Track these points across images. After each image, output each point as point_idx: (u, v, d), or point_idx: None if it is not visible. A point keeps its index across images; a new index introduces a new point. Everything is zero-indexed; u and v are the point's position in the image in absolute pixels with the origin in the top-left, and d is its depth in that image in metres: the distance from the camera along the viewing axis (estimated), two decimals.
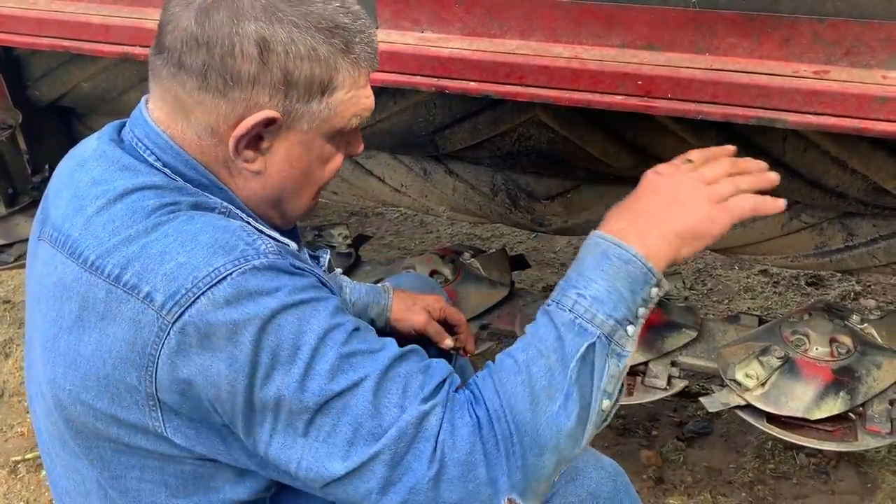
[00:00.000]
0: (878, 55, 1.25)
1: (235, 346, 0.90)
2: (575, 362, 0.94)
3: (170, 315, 0.90)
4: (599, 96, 1.34)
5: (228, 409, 0.93)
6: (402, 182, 2.11)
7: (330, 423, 0.92)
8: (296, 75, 0.96)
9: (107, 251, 0.95)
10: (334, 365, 0.92)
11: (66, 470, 1.09)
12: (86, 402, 0.97)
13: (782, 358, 1.70)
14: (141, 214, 0.96)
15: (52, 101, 2.24)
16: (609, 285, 0.98)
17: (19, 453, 2.42)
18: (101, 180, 1.01)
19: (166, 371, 0.92)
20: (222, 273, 0.91)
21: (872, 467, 2.23)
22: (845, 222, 1.78)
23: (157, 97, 1.02)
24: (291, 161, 1.03)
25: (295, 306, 0.92)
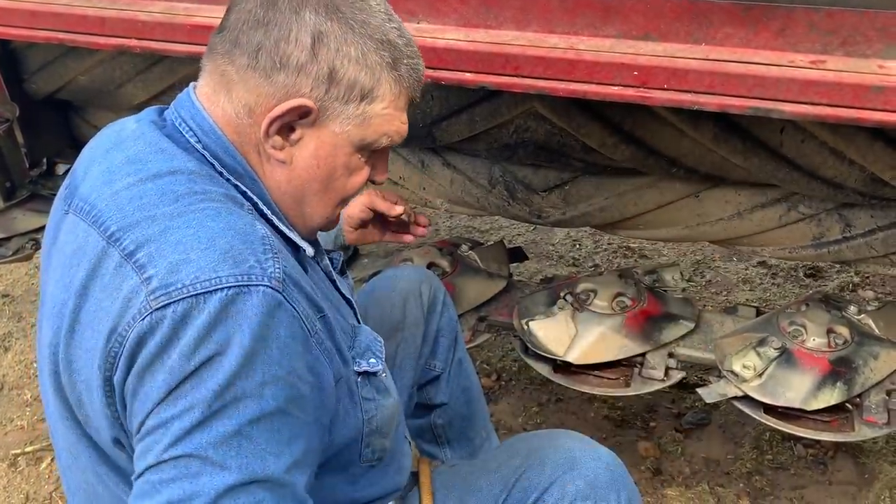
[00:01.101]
0: (874, 45, 1.25)
1: (181, 359, 0.88)
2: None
3: (155, 301, 0.89)
4: (595, 87, 1.34)
5: (135, 411, 0.91)
6: (400, 174, 2.11)
7: (173, 475, 0.88)
8: (341, 74, 1.00)
9: (129, 225, 0.95)
10: (227, 435, 0.89)
11: (65, 444, 1.09)
12: (74, 373, 0.97)
13: (779, 349, 1.70)
14: (170, 197, 0.96)
15: (50, 95, 2.24)
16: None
17: (19, 447, 2.42)
18: (136, 159, 1.02)
19: (124, 357, 0.91)
20: (222, 284, 0.89)
21: (870, 458, 2.24)
22: (843, 213, 1.78)
23: (206, 74, 1.05)
24: (319, 159, 1.04)
25: (248, 357, 0.89)
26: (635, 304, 1.88)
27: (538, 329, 1.88)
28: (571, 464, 1.29)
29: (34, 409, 2.57)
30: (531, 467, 1.32)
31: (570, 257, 3.31)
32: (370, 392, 1.19)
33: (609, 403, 2.47)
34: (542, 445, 1.37)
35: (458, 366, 1.80)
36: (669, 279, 2.05)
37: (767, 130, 1.58)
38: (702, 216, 1.88)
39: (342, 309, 1.22)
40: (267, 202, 1.05)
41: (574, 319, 1.86)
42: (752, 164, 1.65)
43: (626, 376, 1.84)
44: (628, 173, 1.87)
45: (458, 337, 1.80)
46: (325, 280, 1.21)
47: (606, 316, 1.86)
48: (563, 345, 1.83)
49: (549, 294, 1.99)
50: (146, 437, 0.90)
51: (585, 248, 3.38)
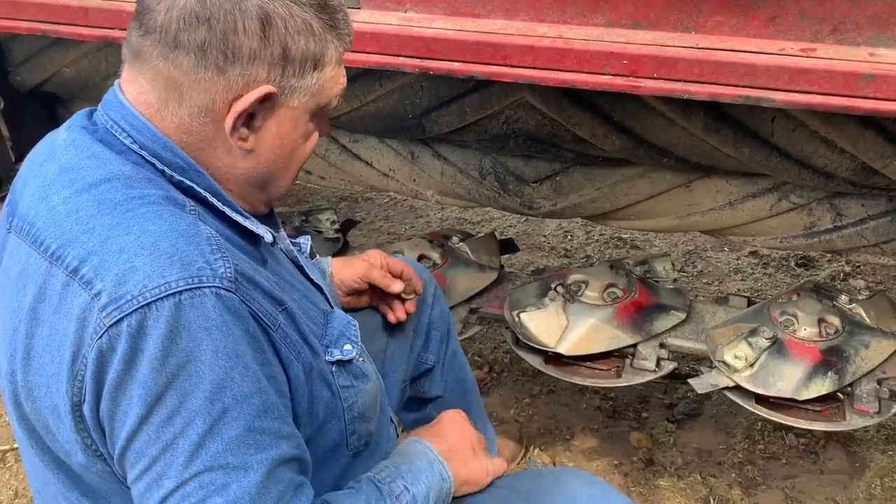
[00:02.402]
0: (864, 32, 1.24)
1: (152, 373, 0.86)
2: None
3: (108, 318, 0.86)
4: (585, 76, 1.33)
5: (116, 431, 0.89)
6: (390, 166, 2.10)
7: (201, 494, 0.87)
8: (293, 50, 0.97)
9: (68, 241, 0.92)
10: (245, 436, 0.89)
11: (33, 469, 1.07)
12: (37, 400, 0.94)
13: (771, 339, 1.70)
14: (108, 206, 0.93)
15: (35, 87, 2.22)
16: (427, 491, 1.16)
17: (7, 443, 2.41)
18: (69, 168, 0.98)
19: (89, 379, 0.88)
20: (172, 289, 0.87)
21: (861, 447, 2.24)
22: (834, 202, 1.78)
23: (143, 80, 0.98)
24: (282, 138, 1.02)
25: (227, 357, 0.89)
26: (626, 295, 1.88)
27: (529, 321, 1.87)
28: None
29: None
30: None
31: (562, 248, 3.31)
32: (347, 379, 1.17)
33: (601, 394, 2.47)
34: (545, 489, 1.27)
35: (452, 358, 1.79)
36: (661, 270, 2.05)
37: (758, 119, 1.58)
38: (693, 206, 1.88)
39: (311, 295, 1.19)
40: (216, 193, 1.01)
41: (565, 311, 1.86)
42: (743, 154, 1.64)
43: (617, 367, 1.84)
44: (619, 164, 1.86)
45: (451, 329, 1.79)
46: (290, 266, 1.18)
47: (598, 307, 1.86)
48: (554, 336, 1.83)
49: (540, 285, 1.99)
50: (153, 464, 0.88)
51: (577, 239, 3.38)
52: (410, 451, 1.22)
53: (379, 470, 1.15)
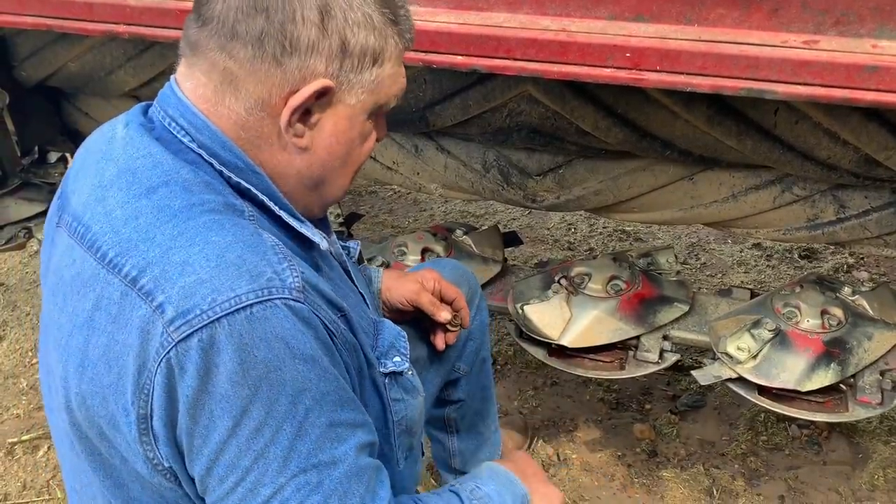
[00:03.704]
0: (867, 24, 1.24)
1: (233, 387, 0.85)
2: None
3: (176, 333, 0.84)
4: (588, 69, 1.33)
5: (197, 448, 0.88)
6: (394, 159, 2.10)
7: (300, 496, 0.89)
8: (352, 43, 0.94)
9: (126, 249, 0.89)
10: (331, 427, 0.91)
11: (73, 470, 1.06)
12: (91, 408, 0.93)
13: (774, 330, 1.71)
14: (167, 214, 0.90)
15: (40, 82, 2.22)
16: (499, 489, 1.16)
17: (15, 435, 2.42)
18: (127, 170, 0.95)
19: (158, 394, 0.87)
20: (242, 302, 0.85)
21: (864, 438, 2.25)
22: (837, 194, 1.78)
23: (200, 73, 0.96)
24: (338, 136, 0.99)
25: (304, 361, 0.89)
26: (630, 288, 1.89)
27: (533, 313, 1.88)
28: None
29: (30, 398, 2.57)
30: None
31: (565, 241, 3.31)
32: (398, 392, 1.15)
33: (604, 386, 2.48)
34: None
35: (481, 365, 1.78)
36: (664, 262, 2.05)
37: (761, 112, 1.58)
38: (696, 199, 1.88)
39: (361, 303, 1.17)
40: (274, 197, 0.99)
41: (569, 303, 1.86)
42: (746, 146, 1.64)
43: (620, 359, 1.85)
44: (622, 156, 1.86)
45: (486, 339, 1.75)
46: (341, 272, 1.16)
47: (601, 299, 1.86)
48: (557, 328, 1.84)
49: (543, 278, 1.99)
50: (247, 475, 0.87)
51: (580, 231, 3.38)
52: (486, 469, 1.23)
53: (458, 481, 1.17)
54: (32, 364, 2.73)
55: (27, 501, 2.22)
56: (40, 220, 2.40)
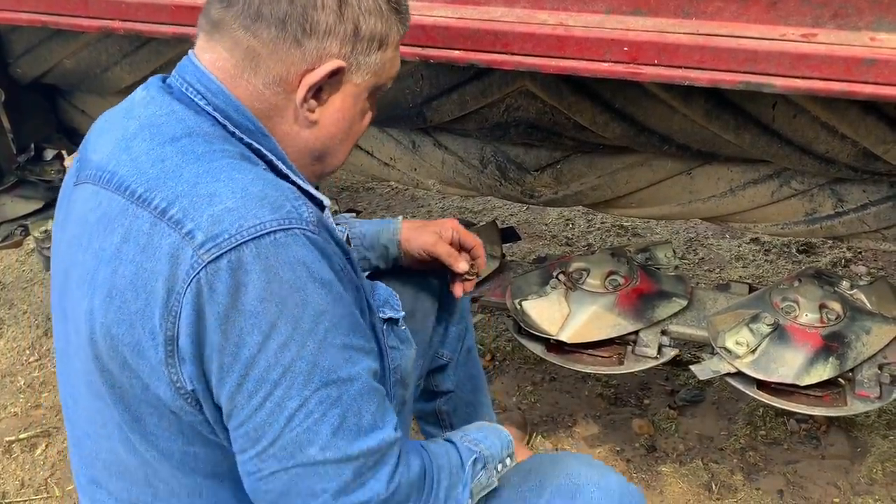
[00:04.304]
0: (865, 17, 1.23)
1: (261, 303, 0.91)
2: (470, 466, 1.17)
3: (207, 255, 0.91)
4: (586, 63, 1.32)
5: (227, 364, 0.93)
6: (391, 155, 2.10)
7: (322, 409, 0.95)
8: (363, 28, 1.04)
9: (155, 185, 0.96)
10: (347, 349, 0.97)
11: (88, 412, 1.08)
12: (115, 337, 0.97)
13: (772, 325, 1.71)
14: (191, 157, 0.98)
15: (35, 79, 2.21)
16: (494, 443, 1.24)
17: (13, 433, 2.42)
18: (150, 124, 1.02)
19: (187, 314, 0.92)
20: (267, 228, 0.92)
21: (862, 432, 2.25)
22: (835, 188, 1.78)
23: (222, 48, 1.04)
24: (343, 112, 1.09)
25: (323, 285, 0.95)
26: (628, 283, 1.88)
27: (531, 309, 1.88)
28: (574, 491, 1.21)
29: (27, 396, 2.57)
30: (530, 490, 1.24)
31: (563, 237, 3.31)
32: (394, 341, 1.20)
33: (603, 381, 2.48)
34: (545, 468, 1.28)
35: (467, 354, 1.79)
36: (662, 257, 2.05)
37: (759, 105, 1.57)
38: (694, 193, 1.88)
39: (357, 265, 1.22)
40: (282, 158, 1.07)
41: (567, 298, 1.86)
42: (744, 140, 1.64)
43: (619, 354, 1.85)
44: (620, 151, 1.86)
45: (469, 327, 1.78)
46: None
47: (599, 295, 1.86)
48: (556, 324, 1.83)
49: (541, 274, 1.99)
50: (275, 389, 0.93)
51: (578, 227, 3.38)
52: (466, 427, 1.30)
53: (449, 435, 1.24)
54: (29, 362, 2.72)
55: (25, 499, 2.21)
56: (36, 218, 2.39)
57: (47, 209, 2.41)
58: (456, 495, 1.12)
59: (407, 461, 1.04)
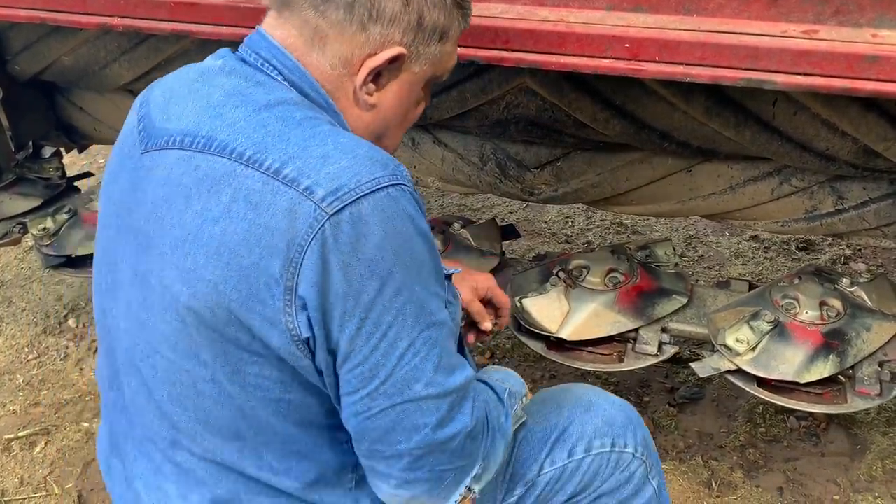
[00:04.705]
0: (867, 14, 1.23)
1: (380, 252, 0.97)
2: (507, 398, 1.29)
3: (329, 207, 0.95)
4: (586, 60, 1.32)
5: (349, 309, 0.98)
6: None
7: (426, 348, 1.02)
8: (427, 19, 1.08)
9: (265, 147, 1.00)
10: (439, 297, 1.05)
11: (171, 373, 1.09)
12: (223, 293, 1.00)
13: (772, 322, 1.71)
14: (292, 122, 1.02)
15: (34, 76, 2.21)
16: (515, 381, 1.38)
17: (12, 431, 2.42)
18: (237, 92, 1.06)
19: (311, 264, 0.96)
20: (382, 183, 0.98)
21: (862, 429, 2.25)
22: (835, 186, 1.78)
23: (292, 26, 1.09)
24: (401, 98, 1.15)
25: (426, 237, 1.03)
26: (628, 280, 1.88)
27: (531, 306, 1.87)
28: (588, 405, 1.39)
29: (26, 394, 2.57)
30: (549, 410, 1.40)
31: (563, 234, 3.31)
32: (451, 295, 1.24)
33: (603, 379, 2.48)
34: (559, 393, 1.46)
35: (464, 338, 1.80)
36: (662, 254, 2.05)
37: (760, 103, 1.57)
38: (694, 190, 1.88)
39: None
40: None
41: (567, 296, 1.86)
42: (745, 138, 1.64)
43: (619, 352, 1.84)
44: (620, 149, 1.86)
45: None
46: None
47: (599, 292, 1.86)
48: (556, 321, 1.83)
49: (541, 271, 1.99)
50: (389, 330, 0.99)
51: (578, 224, 3.38)
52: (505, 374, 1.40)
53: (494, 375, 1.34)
54: (28, 360, 2.72)
55: (24, 498, 2.21)
56: (35, 216, 2.38)
57: (46, 207, 2.40)
58: (503, 424, 1.21)
59: (479, 395, 1.12)
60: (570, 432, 1.36)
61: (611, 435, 1.37)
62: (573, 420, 1.38)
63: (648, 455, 1.41)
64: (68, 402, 2.52)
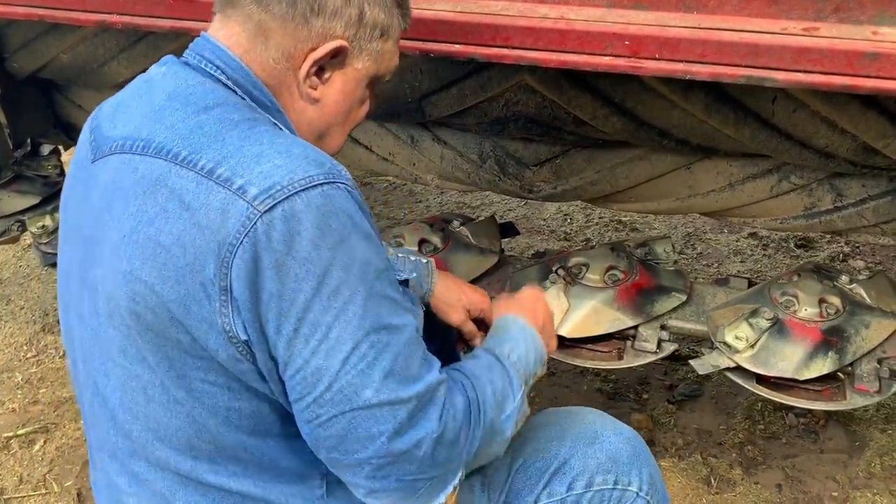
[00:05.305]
0: (867, 11, 1.23)
1: (315, 250, 0.95)
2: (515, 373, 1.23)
3: (262, 206, 0.95)
4: (586, 58, 1.32)
5: (285, 310, 0.96)
6: (390, 150, 2.09)
7: (374, 353, 0.99)
8: (368, 15, 1.11)
9: (200, 148, 1.00)
10: (391, 301, 1.03)
11: (123, 379, 1.08)
12: (160, 294, 0.99)
13: (772, 319, 1.71)
14: (230, 124, 1.03)
15: (32, 74, 2.20)
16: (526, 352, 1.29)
17: (11, 429, 2.42)
18: (177, 95, 1.07)
19: (243, 263, 0.95)
20: (317, 181, 0.97)
21: (861, 426, 2.26)
22: (834, 183, 1.78)
23: (234, 23, 1.10)
24: (344, 94, 1.15)
25: (368, 237, 1.02)
26: (627, 278, 1.88)
27: None
28: (593, 438, 1.33)
29: (25, 392, 2.56)
30: (551, 439, 1.35)
31: (562, 231, 3.31)
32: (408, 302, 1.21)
33: (602, 376, 2.48)
34: (563, 419, 1.40)
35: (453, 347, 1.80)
36: (661, 252, 2.05)
37: (759, 100, 1.57)
38: (693, 188, 1.88)
39: None
40: (293, 132, 1.12)
41: (566, 293, 1.86)
42: (744, 135, 1.64)
43: (618, 349, 1.84)
44: (619, 146, 1.86)
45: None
46: None
47: (598, 289, 1.86)
48: (555, 319, 1.83)
49: (540, 269, 1.99)
50: (329, 331, 0.97)
51: (577, 222, 3.38)
52: (502, 324, 1.34)
53: (486, 343, 1.29)
54: (27, 358, 2.72)
55: (23, 496, 2.21)
56: (33, 214, 2.38)
57: (44, 204, 2.40)
58: (500, 426, 1.17)
59: (452, 399, 1.08)
60: (571, 465, 1.31)
61: (614, 472, 1.31)
62: (575, 452, 1.32)
63: (654, 493, 1.35)
64: (67, 400, 2.52)
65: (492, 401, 1.15)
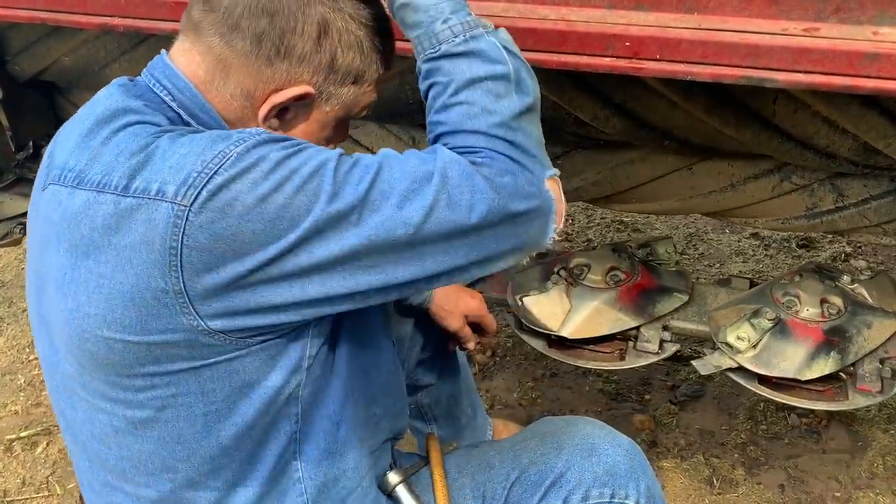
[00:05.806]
0: (868, 11, 1.23)
1: (259, 187, 0.91)
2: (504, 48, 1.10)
3: (185, 200, 0.91)
4: (587, 59, 1.32)
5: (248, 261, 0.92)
6: None
7: (372, 171, 0.95)
8: (340, 62, 1.05)
9: (111, 168, 0.96)
10: (360, 170, 0.96)
11: (89, 413, 1.07)
12: (112, 325, 0.97)
13: (773, 320, 1.71)
14: (143, 136, 0.98)
15: (34, 76, 2.21)
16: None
17: (14, 432, 2.42)
18: (104, 118, 1.02)
19: (195, 259, 0.92)
20: (228, 153, 0.92)
21: (863, 426, 2.26)
22: (836, 183, 1.78)
23: (196, 52, 1.05)
24: (308, 136, 1.07)
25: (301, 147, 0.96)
26: (629, 278, 1.88)
27: (532, 304, 1.87)
28: (590, 450, 1.30)
29: (28, 394, 2.57)
30: (548, 451, 1.32)
31: (563, 232, 3.31)
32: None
33: (604, 377, 2.48)
34: (560, 430, 1.36)
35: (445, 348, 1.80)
36: (663, 252, 2.05)
37: (760, 100, 1.57)
38: (694, 188, 1.88)
39: None
40: None
41: (568, 294, 1.86)
42: (745, 135, 1.64)
43: (620, 350, 1.84)
44: (621, 147, 1.86)
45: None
46: None
47: (600, 290, 1.86)
48: (557, 320, 1.83)
49: (542, 269, 1.99)
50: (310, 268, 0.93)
51: (578, 222, 3.38)
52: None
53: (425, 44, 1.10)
54: (30, 360, 2.72)
55: (26, 498, 2.21)
56: None
57: None
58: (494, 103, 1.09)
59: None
60: (568, 478, 1.29)
61: (611, 485, 1.29)
62: (572, 465, 1.30)
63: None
64: None
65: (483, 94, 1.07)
